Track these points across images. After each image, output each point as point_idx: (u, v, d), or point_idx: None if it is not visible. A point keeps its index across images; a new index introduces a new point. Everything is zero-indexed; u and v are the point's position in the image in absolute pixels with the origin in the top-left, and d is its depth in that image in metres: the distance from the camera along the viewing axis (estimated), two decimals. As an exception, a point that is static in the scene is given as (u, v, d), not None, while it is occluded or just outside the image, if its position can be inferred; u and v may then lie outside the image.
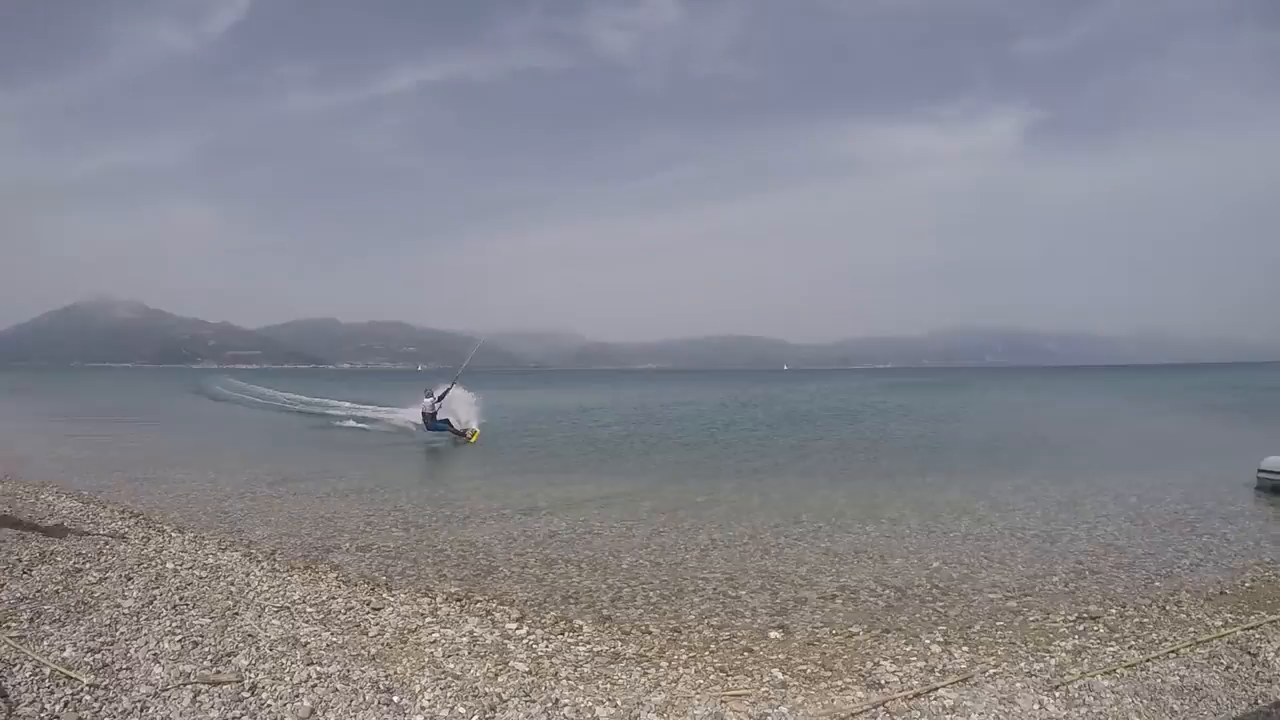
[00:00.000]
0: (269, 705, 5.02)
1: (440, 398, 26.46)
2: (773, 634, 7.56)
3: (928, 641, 7.23)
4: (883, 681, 6.11)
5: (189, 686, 5.17)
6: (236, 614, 7.04)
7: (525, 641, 6.94)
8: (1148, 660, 6.40)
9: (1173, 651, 6.60)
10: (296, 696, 5.19)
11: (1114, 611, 8.12)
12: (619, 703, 5.52)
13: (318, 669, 5.70)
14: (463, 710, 5.20)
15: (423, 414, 26.31)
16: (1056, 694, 5.71)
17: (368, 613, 7.51)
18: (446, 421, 26.14)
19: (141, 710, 4.79)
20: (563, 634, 7.31)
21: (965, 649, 6.99)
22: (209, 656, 5.78)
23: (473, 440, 25.77)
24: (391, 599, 8.17)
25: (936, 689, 5.85)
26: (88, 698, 4.86)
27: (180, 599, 7.36)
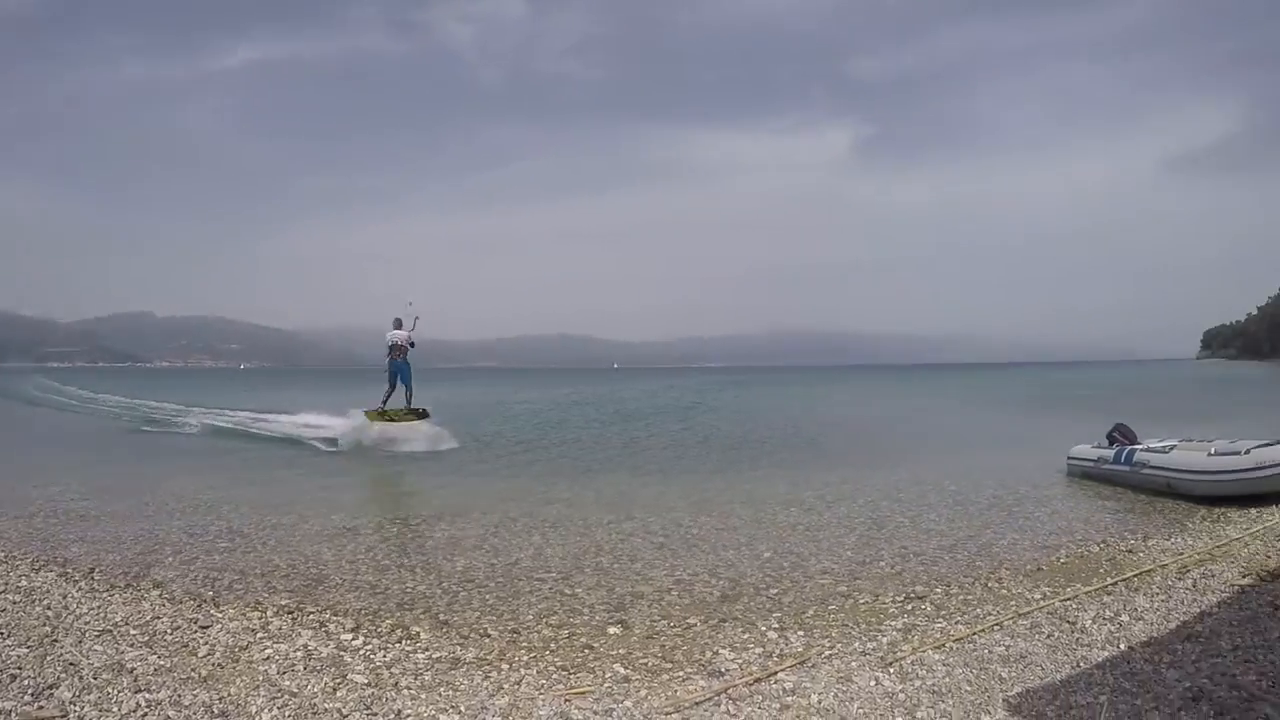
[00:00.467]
0: (99, 739, 4.63)
1: (413, 328, 22.41)
2: (612, 630, 7.52)
3: (764, 628, 7.36)
4: (723, 669, 6.18)
5: (11, 726, 4.72)
6: (56, 641, 6.51)
7: (362, 652, 6.68)
8: (974, 634, 6.74)
9: (997, 624, 6.98)
10: (128, 728, 4.82)
11: (940, 590, 8.51)
12: (463, 709, 5.38)
13: (146, 696, 5.32)
14: (303, 729, 4.96)
15: (393, 346, 22.22)
16: (891, 669, 5.92)
17: (196, 631, 7.05)
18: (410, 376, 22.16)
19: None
20: (400, 642, 7.05)
21: (801, 633, 7.16)
22: (29, 690, 5.33)
23: (403, 417, 22.26)
24: (220, 615, 7.69)
25: (776, 673, 5.96)
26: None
27: (-7, 628, 6.78)
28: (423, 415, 21.82)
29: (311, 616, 7.84)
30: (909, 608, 7.92)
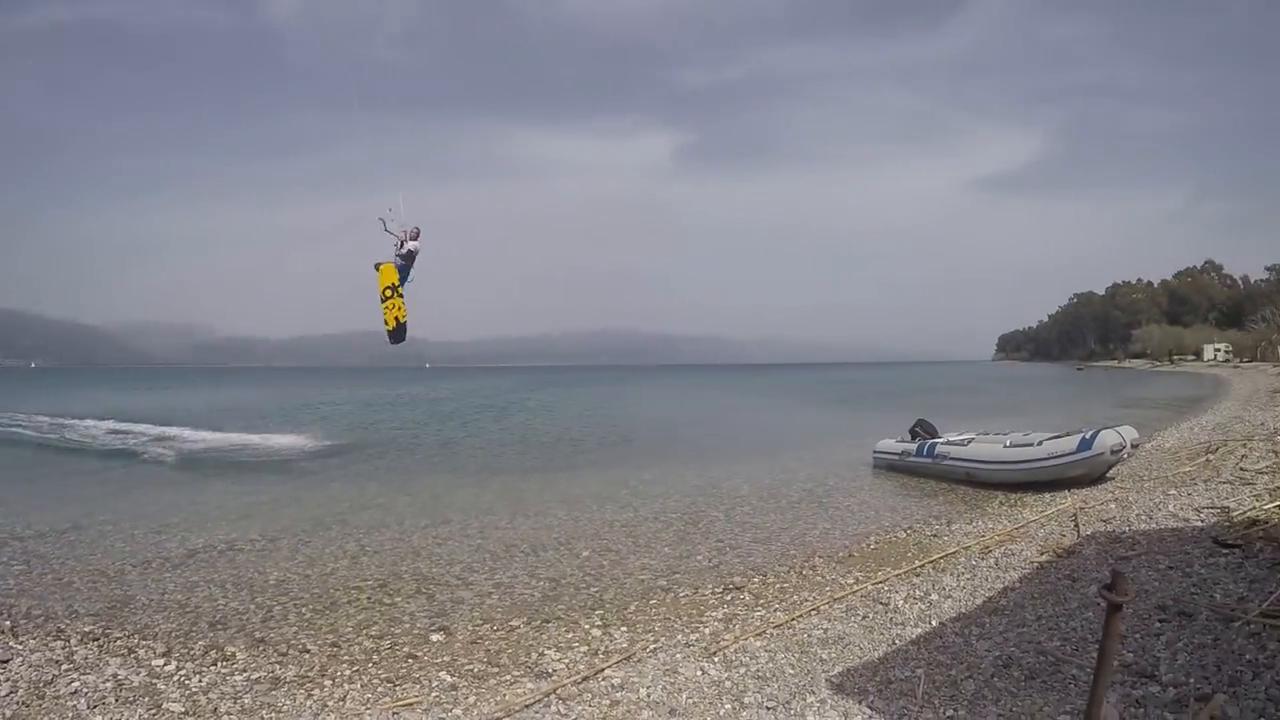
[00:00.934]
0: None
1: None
2: (435, 637, 7.38)
3: (588, 627, 7.42)
4: (550, 670, 6.18)
5: None
6: None
7: (176, 678, 6.28)
8: (793, 620, 7.00)
9: (814, 609, 7.28)
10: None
11: (757, 580, 8.84)
12: (288, 731, 5.16)
13: (-55, 746, 4.80)
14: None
15: (401, 255, 16.27)
16: (715, 659, 6.07)
17: None
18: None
19: None
20: (215, 664, 6.66)
21: (625, 629, 7.27)
22: None
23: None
24: (20, 647, 7.03)
25: (603, 670, 6.01)
26: None
27: None
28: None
29: (119, 642, 7.30)
30: (729, 598, 8.17)
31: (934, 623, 6.51)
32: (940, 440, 16.20)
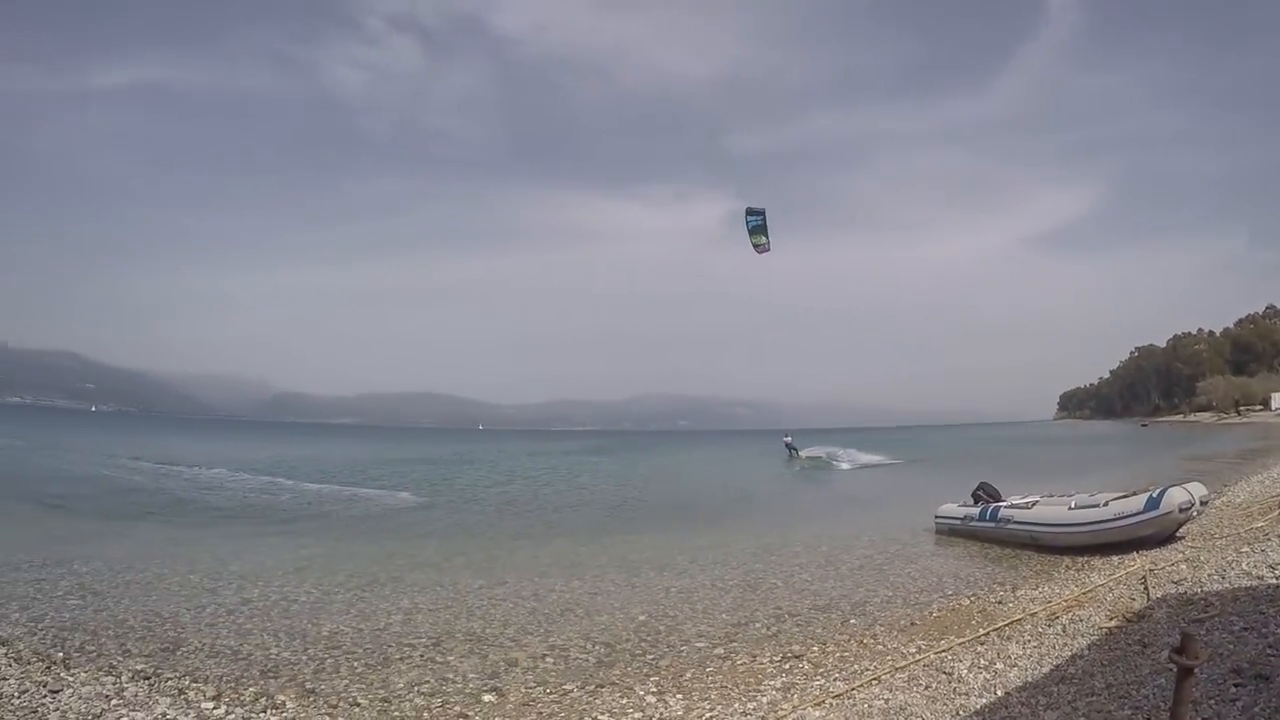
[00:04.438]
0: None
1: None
2: (486, 697, 7.35)
3: (642, 693, 7.32)
4: (603, 737, 6.08)
5: None
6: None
7: None
8: (853, 690, 6.84)
9: (875, 679, 7.11)
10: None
11: (816, 649, 8.67)
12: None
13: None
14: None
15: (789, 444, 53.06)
16: (773, 729, 5.93)
17: (45, 696, 6.57)
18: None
19: None
20: (265, 711, 6.71)
21: (680, 697, 7.16)
22: None
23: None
24: (71, 679, 7.16)
25: (658, 738, 5.90)
26: None
27: None
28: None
29: (170, 683, 7.38)
30: (787, 667, 8.02)
31: (999, 692, 6.32)
32: (1004, 503, 15.87)
